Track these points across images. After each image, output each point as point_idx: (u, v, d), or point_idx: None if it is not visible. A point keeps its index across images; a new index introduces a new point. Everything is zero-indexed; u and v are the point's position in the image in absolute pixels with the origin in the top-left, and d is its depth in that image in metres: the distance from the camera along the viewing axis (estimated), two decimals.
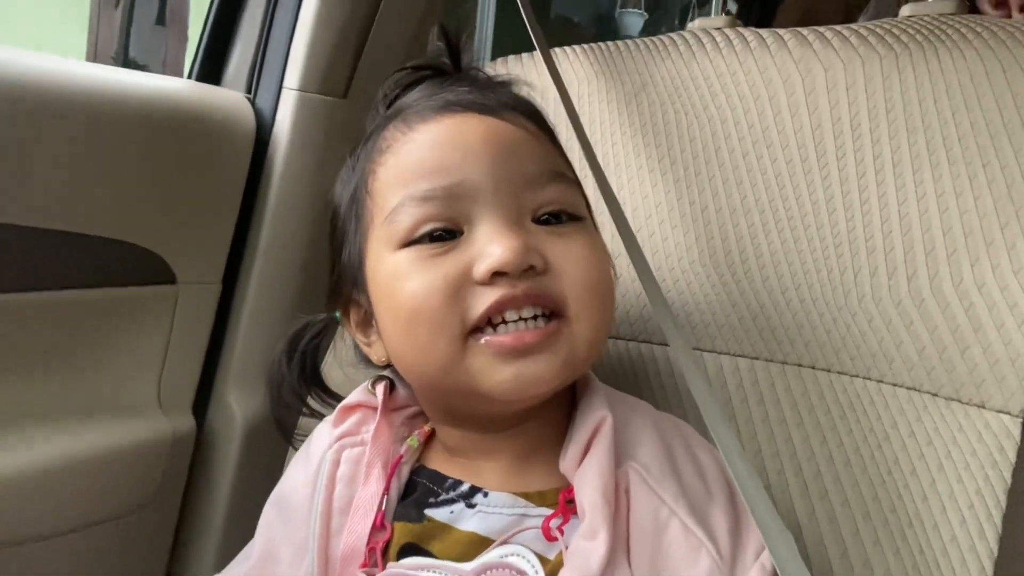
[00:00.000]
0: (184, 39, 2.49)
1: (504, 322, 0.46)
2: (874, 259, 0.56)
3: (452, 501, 0.50)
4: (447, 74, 0.57)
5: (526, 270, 0.46)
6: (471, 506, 0.49)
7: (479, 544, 0.48)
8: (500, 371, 0.46)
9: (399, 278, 0.48)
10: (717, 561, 0.45)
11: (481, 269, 0.46)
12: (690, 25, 0.75)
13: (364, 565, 0.50)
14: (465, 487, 0.50)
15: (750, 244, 0.62)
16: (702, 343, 0.62)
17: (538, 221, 0.49)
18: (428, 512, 0.50)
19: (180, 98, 0.79)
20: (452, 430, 0.53)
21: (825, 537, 0.54)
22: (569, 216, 0.50)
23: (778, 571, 0.42)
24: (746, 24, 0.71)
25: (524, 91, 0.57)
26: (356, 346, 0.58)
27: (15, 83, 0.66)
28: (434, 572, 0.47)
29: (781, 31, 0.66)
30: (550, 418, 0.51)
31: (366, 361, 0.57)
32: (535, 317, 0.47)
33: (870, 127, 0.58)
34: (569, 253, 0.48)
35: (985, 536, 0.48)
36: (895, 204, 0.56)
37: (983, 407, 0.50)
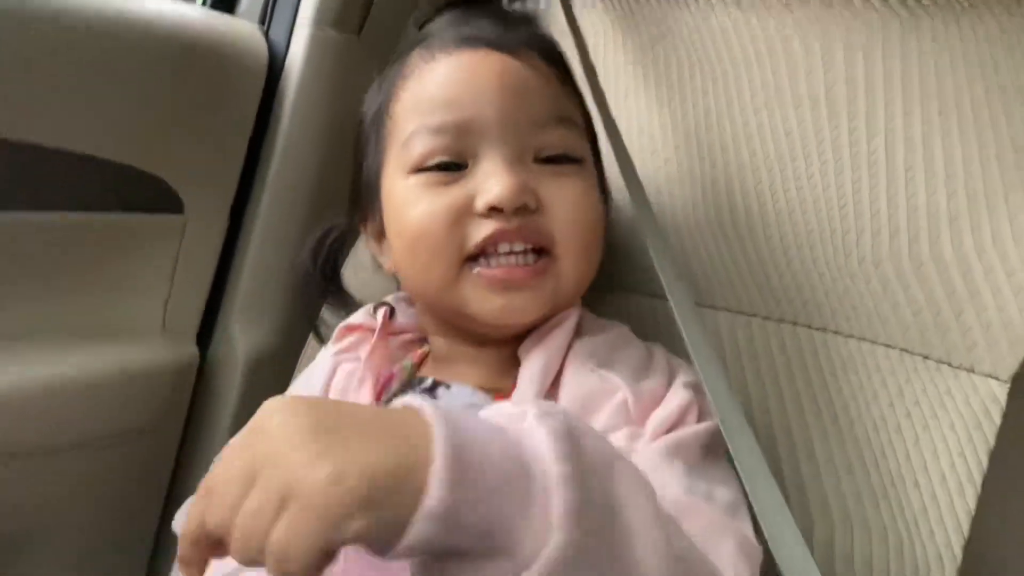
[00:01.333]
0: None
1: (497, 253, 0.50)
2: (876, 221, 0.56)
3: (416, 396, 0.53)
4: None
5: (519, 208, 0.50)
6: (434, 398, 0.52)
7: None
8: (490, 301, 0.51)
9: (407, 202, 0.52)
10: (629, 400, 0.47)
11: (480, 202, 0.50)
12: None
13: None
14: (428, 382, 0.54)
15: (755, 202, 0.62)
16: (702, 299, 0.63)
17: (540, 160, 0.53)
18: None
19: (193, 25, 0.78)
20: (444, 339, 0.57)
21: (808, 490, 0.55)
22: (569, 159, 0.53)
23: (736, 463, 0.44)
24: None
25: (545, 29, 0.59)
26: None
27: (28, 4, 0.65)
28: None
29: None
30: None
31: (378, 265, 0.62)
32: (525, 252, 0.51)
33: (884, 89, 0.58)
34: (562, 194, 0.52)
35: (964, 494, 0.49)
36: (902, 168, 0.56)
37: (972, 371, 0.51)
